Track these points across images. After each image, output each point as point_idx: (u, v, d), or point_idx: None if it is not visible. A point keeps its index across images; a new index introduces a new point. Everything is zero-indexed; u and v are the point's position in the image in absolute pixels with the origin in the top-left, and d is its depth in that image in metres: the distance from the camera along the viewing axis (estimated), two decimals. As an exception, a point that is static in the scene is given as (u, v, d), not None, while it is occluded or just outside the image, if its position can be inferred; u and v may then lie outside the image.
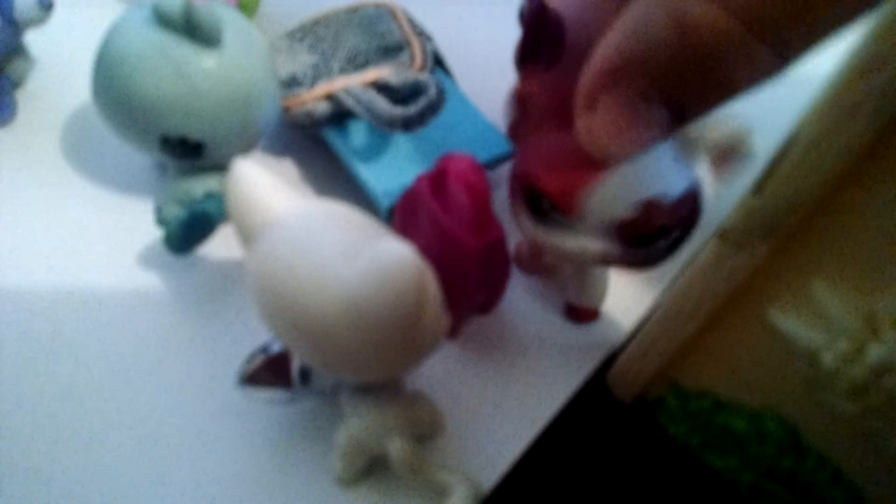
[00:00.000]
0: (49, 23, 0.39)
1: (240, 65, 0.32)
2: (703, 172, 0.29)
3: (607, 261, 0.30)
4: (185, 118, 0.32)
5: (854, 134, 0.19)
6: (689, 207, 0.29)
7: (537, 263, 0.37)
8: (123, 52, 0.31)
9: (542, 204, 0.29)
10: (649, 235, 0.29)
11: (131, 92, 0.31)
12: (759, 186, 0.22)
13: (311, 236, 0.25)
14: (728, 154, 0.30)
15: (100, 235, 0.37)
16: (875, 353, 0.22)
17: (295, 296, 0.25)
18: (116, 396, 0.32)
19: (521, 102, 0.32)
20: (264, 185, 0.27)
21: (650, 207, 0.28)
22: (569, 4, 0.29)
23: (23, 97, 0.42)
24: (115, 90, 0.32)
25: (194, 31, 0.31)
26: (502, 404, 0.33)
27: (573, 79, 0.20)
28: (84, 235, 0.37)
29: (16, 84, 0.41)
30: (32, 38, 0.41)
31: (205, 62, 0.31)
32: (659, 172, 0.28)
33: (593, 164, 0.28)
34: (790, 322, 0.25)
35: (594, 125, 0.19)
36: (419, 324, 0.25)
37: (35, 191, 0.38)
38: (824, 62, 0.20)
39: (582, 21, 0.29)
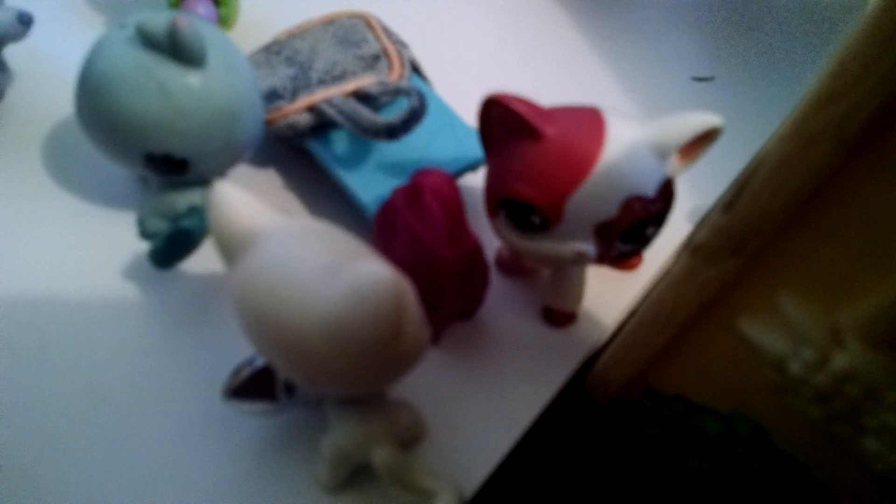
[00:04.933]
0: (28, 36, 0.39)
1: (224, 83, 0.33)
2: (673, 162, 0.30)
3: (588, 260, 0.31)
4: (169, 136, 0.32)
5: (816, 159, 0.20)
6: (663, 200, 0.30)
7: (517, 266, 0.38)
8: (107, 71, 0.32)
9: (526, 213, 0.30)
10: (628, 231, 0.30)
11: (116, 111, 0.32)
12: (728, 205, 0.23)
13: (291, 257, 0.26)
14: (699, 144, 0.31)
15: (82, 248, 0.37)
16: (838, 361, 0.23)
17: (276, 316, 0.25)
18: (100, 408, 0.32)
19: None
20: (244, 206, 0.27)
21: (629, 205, 0.29)
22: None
23: (2, 110, 0.41)
24: (99, 109, 0.32)
25: (179, 50, 0.31)
26: (484, 408, 0.34)
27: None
28: (65, 248, 0.37)
29: (-6, 96, 0.41)
30: (11, 52, 0.41)
31: (189, 81, 0.32)
32: (635, 171, 0.29)
33: (569, 170, 0.29)
34: (759, 331, 0.26)
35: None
36: (399, 341, 0.25)
37: (15, 203, 0.38)
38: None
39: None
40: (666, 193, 0.30)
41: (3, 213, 0.38)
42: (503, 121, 0.30)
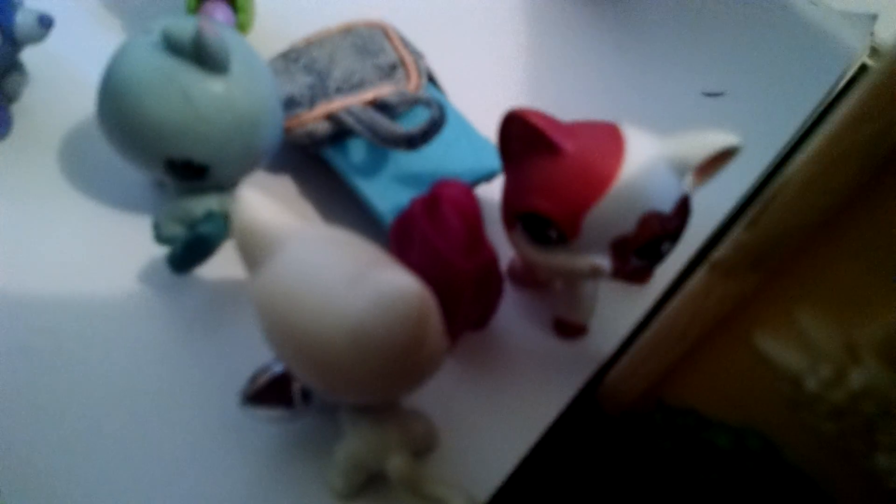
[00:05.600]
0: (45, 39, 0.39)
1: (245, 90, 0.33)
2: (690, 179, 0.31)
3: (604, 275, 0.31)
4: (190, 142, 0.32)
5: (842, 180, 0.20)
6: (679, 217, 0.30)
7: (530, 278, 0.38)
8: (131, 76, 0.32)
9: (543, 227, 0.30)
10: (644, 247, 0.30)
11: (138, 116, 0.32)
12: (752, 222, 0.24)
13: (315, 265, 0.26)
14: (715, 163, 0.31)
15: (97, 252, 0.37)
16: (855, 379, 0.24)
17: (299, 323, 0.25)
18: (116, 413, 0.32)
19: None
20: (268, 213, 0.28)
21: (646, 221, 0.29)
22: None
23: (18, 112, 0.42)
24: (121, 113, 0.32)
25: (203, 57, 0.31)
26: (496, 418, 0.34)
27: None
28: (81, 252, 0.37)
29: (11, 99, 0.41)
30: (27, 54, 0.41)
31: (212, 88, 0.32)
32: (653, 188, 0.29)
33: (588, 186, 0.29)
34: (775, 347, 0.26)
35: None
36: (420, 352, 0.25)
37: (30, 206, 0.38)
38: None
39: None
40: (682, 210, 0.31)
41: (19, 215, 0.38)
42: (523, 136, 0.31)
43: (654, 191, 0.30)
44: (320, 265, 0.26)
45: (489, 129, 0.40)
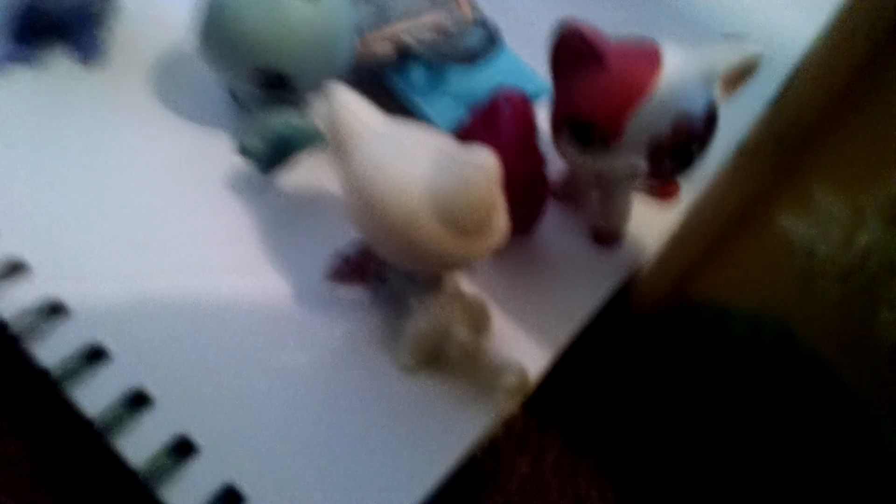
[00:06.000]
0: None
1: (331, 10, 0.38)
2: (718, 89, 0.35)
3: (641, 175, 0.35)
4: (280, 54, 0.37)
5: (852, 54, 0.24)
6: (708, 122, 0.35)
7: (572, 193, 0.42)
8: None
9: (588, 131, 0.35)
10: (677, 149, 0.34)
11: (236, 29, 0.37)
12: (775, 102, 0.28)
13: (401, 143, 0.31)
14: (739, 76, 0.35)
15: (183, 166, 0.41)
16: (861, 238, 0.28)
17: (387, 194, 0.30)
18: (207, 294, 0.36)
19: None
20: (357, 103, 0.32)
21: (679, 125, 0.33)
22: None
23: (110, 38, 0.45)
24: (220, 27, 0.37)
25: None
26: (538, 312, 0.38)
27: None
28: (168, 166, 0.41)
29: (104, 26, 0.45)
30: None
31: (303, 7, 0.37)
32: (686, 95, 0.34)
33: (629, 92, 0.33)
34: (792, 222, 0.30)
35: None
36: (492, 217, 0.30)
37: (122, 127, 0.42)
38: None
39: None
40: (711, 116, 0.35)
41: (108, 136, 0.41)
42: (573, 47, 0.35)
43: (686, 97, 0.34)
44: (406, 144, 0.30)
45: (532, 55, 0.44)
